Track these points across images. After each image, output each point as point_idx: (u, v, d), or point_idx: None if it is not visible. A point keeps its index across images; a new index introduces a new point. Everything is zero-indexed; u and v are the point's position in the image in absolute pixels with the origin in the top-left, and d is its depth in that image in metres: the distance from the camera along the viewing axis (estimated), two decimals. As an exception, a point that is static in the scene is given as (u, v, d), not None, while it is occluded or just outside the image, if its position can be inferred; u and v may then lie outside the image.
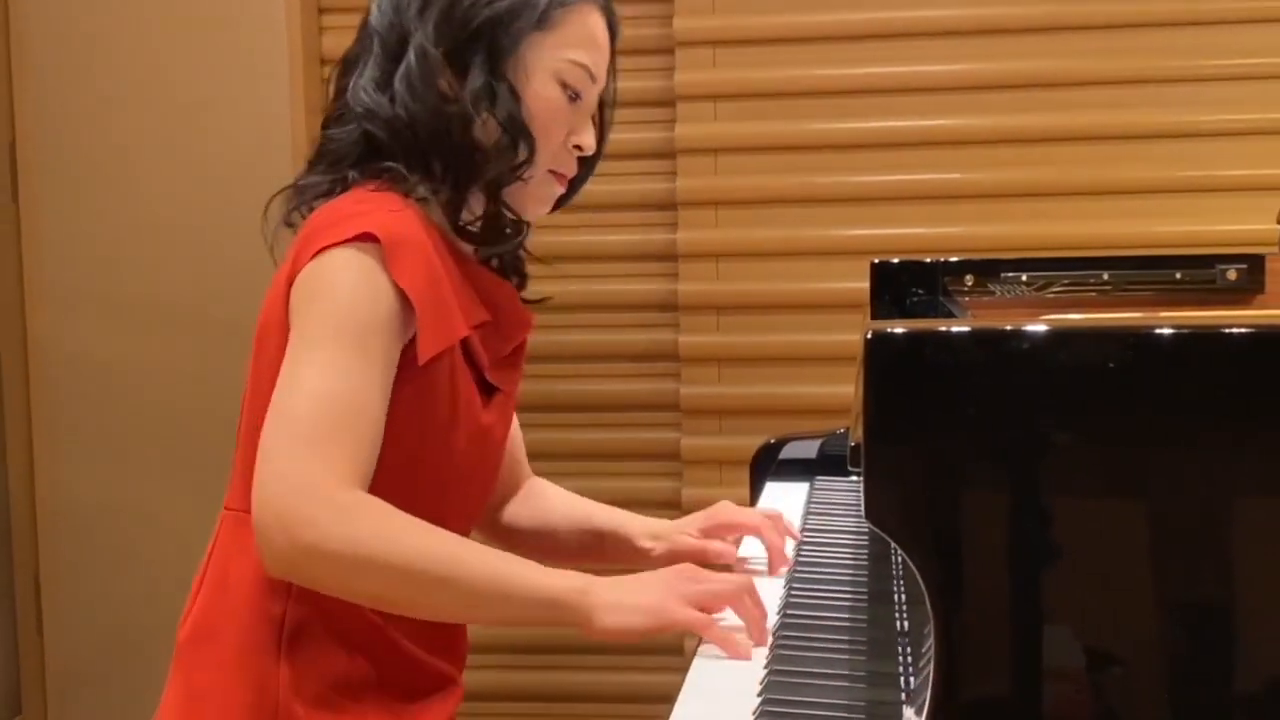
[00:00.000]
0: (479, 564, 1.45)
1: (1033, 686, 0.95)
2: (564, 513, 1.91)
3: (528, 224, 1.68)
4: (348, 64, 1.64)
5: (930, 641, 0.96)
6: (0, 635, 3.78)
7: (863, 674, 1.39)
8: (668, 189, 3.52)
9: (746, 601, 1.49)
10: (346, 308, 1.46)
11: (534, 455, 2.02)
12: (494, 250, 1.65)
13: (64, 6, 3.69)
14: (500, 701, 3.59)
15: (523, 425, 2.64)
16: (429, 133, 1.57)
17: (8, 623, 3.80)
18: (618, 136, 3.57)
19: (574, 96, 1.63)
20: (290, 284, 1.51)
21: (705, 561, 1.74)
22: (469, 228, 1.61)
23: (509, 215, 1.63)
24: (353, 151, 1.59)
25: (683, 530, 1.85)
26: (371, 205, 1.52)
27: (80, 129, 3.70)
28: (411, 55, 1.57)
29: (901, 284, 2.15)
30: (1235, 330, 0.96)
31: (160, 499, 3.66)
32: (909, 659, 1.30)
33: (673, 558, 1.75)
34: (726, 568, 1.80)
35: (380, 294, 1.46)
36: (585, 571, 1.50)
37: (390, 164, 1.57)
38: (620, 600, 1.46)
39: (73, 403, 3.75)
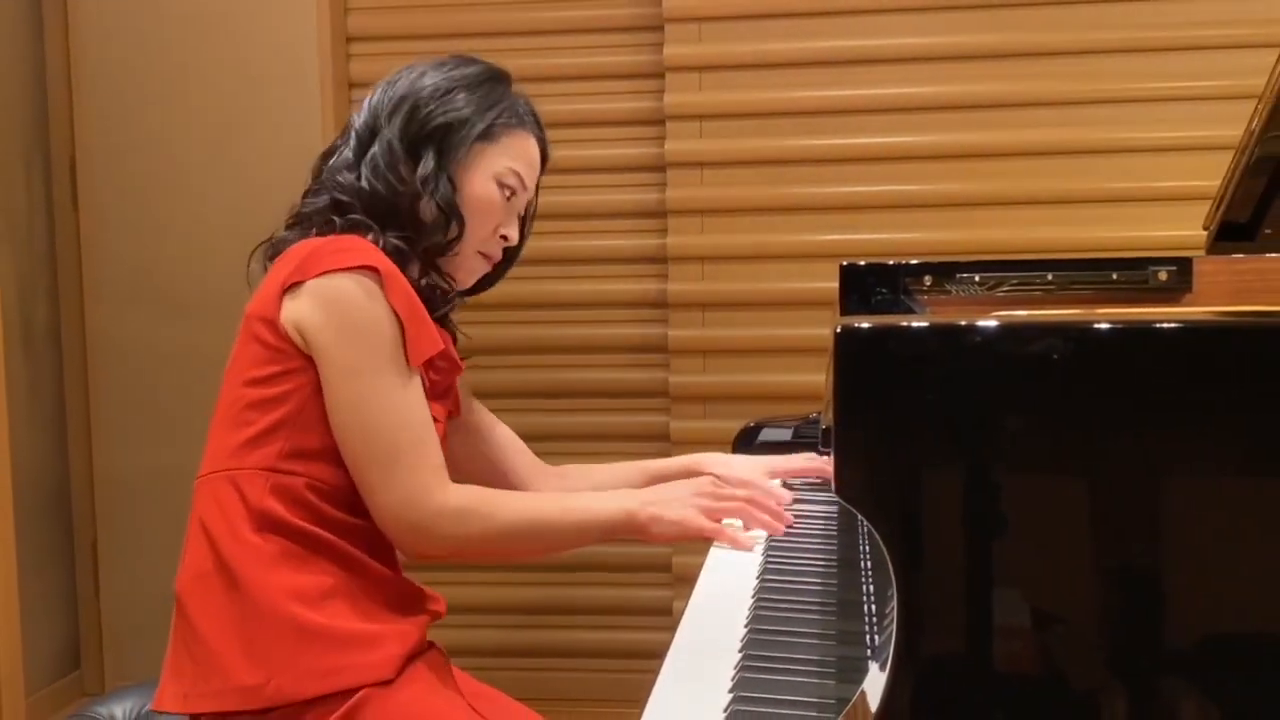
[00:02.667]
0: (558, 513, 1.69)
1: (984, 643, 0.95)
2: (612, 473, 2.01)
3: (456, 295, 1.83)
4: (328, 153, 1.82)
5: (893, 603, 0.95)
6: (60, 596, 3.78)
7: (833, 632, 1.39)
8: (658, 198, 3.52)
9: (751, 510, 1.71)
10: (377, 337, 1.60)
11: (539, 437, 2.03)
12: (432, 312, 1.76)
13: (118, 39, 3.69)
14: (497, 658, 3.59)
15: (529, 410, 2.66)
16: (384, 203, 1.72)
17: (67, 585, 3.81)
18: (616, 151, 3.62)
19: (508, 196, 1.80)
20: (284, 288, 1.63)
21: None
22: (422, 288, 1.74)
23: (442, 282, 1.78)
24: (320, 216, 1.75)
25: (751, 469, 1.98)
26: (361, 244, 1.66)
27: (132, 145, 3.71)
28: (378, 146, 1.75)
29: (867, 284, 2.15)
30: (1165, 325, 0.96)
31: (204, 475, 3.65)
32: (874, 619, 1.30)
33: None
34: None
35: (386, 316, 1.61)
36: None
37: (356, 218, 1.71)
38: (657, 514, 1.65)
39: (126, 387, 3.75)
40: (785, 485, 2.00)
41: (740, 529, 1.73)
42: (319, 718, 1.52)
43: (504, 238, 1.82)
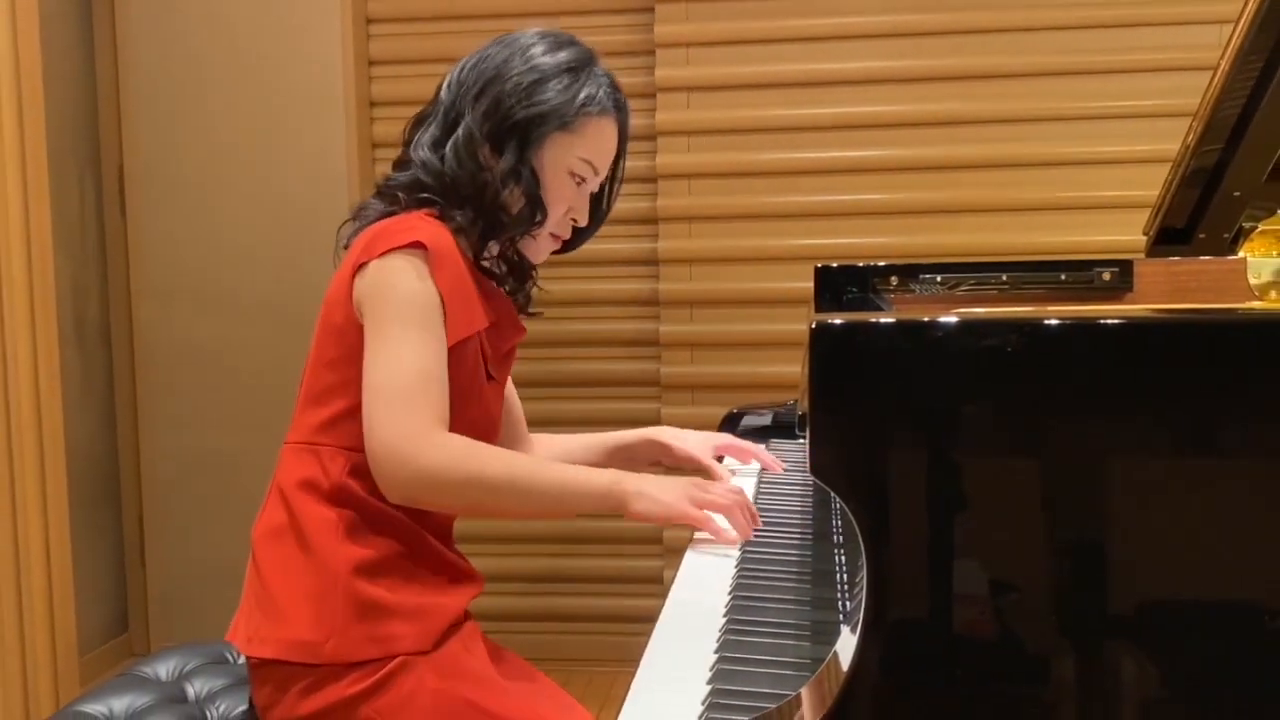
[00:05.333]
0: (544, 474, 1.57)
1: (944, 609, 0.95)
2: (582, 444, 1.96)
3: (534, 269, 1.77)
4: (418, 120, 1.73)
5: (863, 572, 0.95)
6: (109, 567, 3.78)
7: (809, 599, 1.39)
8: (650, 207, 3.52)
9: (736, 511, 1.58)
10: (411, 300, 1.55)
11: (541, 423, 2.02)
12: (511, 289, 1.74)
13: (162, 59, 3.68)
14: (504, 621, 3.60)
15: (533, 399, 2.63)
16: (466, 191, 1.65)
17: (116, 557, 3.81)
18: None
19: (579, 182, 1.71)
20: (355, 271, 1.59)
21: (710, 477, 1.86)
22: (487, 265, 1.71)
23: (519, 260, 1.73)
24: (402, 190, 1.68)
25: (700, 445, 1.93)
26: (421, 223, 1.61)
27: (176, 157, 3.70)
28: (461, 131, 1.66)
29: (839, 284, 2.14)
30: (1109, 321, 0.96)
31: (241, 453, 3.66)
32: (846, 586, 1.30)
33: (685, 460, 1.88)
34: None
35: (430, 290, 1.56)
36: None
37: (434, 198, 1.65)
38: (646, 492, 1.55)
39: (170, 378, 3.75)
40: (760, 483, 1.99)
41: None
42: (361, 678, 1.53)
43: (574, 220, 1.74)
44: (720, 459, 1.98)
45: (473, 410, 1.63)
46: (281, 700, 1.57)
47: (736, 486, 1.66)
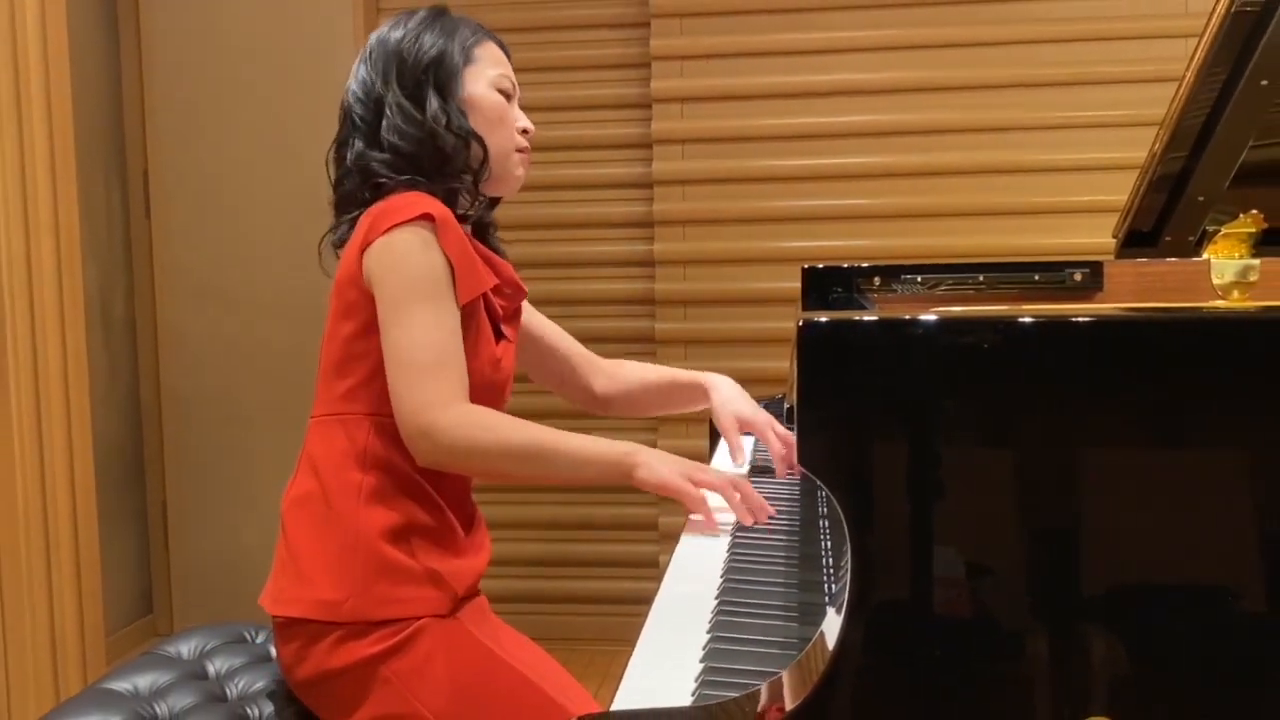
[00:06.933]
0: (558, 443, 1.58)
1: (924, 591, 0.95)
2: (656, 373, 2.05)
3: (491, 201, 1.77)
4: (340, 145, 1.72)
5: (847, 557, 0.95)
6: (135, 551, 3.78)
7: (796, 582, 1.39)
8: (646, 211, 3.52)
9: (728, 489, 1.60)
10: (422, 275, 1.55)
11: (544, 412, 2.03)
12: (471, 219, 1.73)
13: (186, 69, 3.68)
14: (507, 603, 3.60)
15: (537, 393, 2.66)
16: (416, 157, 1.65)
17: (141, 541, 3.80)
18: (610, 171, 3.62)
19: (508, 97, 1.73)
20: (362, 251, 1.59)
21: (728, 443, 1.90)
22: (465, 215, 1.70)
23: (486, 199, 1.74)
24: (361, 195, 1.67)
25: (725, 408, 1.96)
26: (418, 197, 1.60)
27: (198, 162, 3.70)
28: (388, 113, 1.66)
29: (825, 284, 2.14)
30: (1080, 320, 0.96)
31: (261, 442, 3.66)
32: (831, 570, 1.30)
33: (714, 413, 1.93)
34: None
35: (439, 260, 1.56)
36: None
37: (406, 178, 1.64)
38: (650, 464, 1.58)
39: (192, 372, 3.76)
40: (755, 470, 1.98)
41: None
42: (382, 638, 1.54)
43: (525, 131, 1.74)
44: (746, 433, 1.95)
45: (486, 366, 1.64)
46: (306, 658, 1.58)
47: (735, 476, 1.65)
